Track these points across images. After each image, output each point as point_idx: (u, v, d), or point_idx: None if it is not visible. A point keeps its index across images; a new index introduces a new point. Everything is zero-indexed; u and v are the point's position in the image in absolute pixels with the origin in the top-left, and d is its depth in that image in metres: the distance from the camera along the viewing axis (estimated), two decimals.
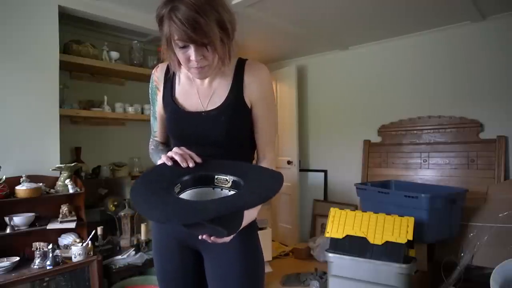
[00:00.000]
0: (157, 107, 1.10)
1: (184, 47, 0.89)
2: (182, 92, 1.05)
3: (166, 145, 1.18)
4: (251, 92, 1.03)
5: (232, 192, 0.86)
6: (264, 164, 1.06)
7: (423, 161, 3.25)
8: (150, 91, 1.12)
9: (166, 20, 0.86)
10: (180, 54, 0.91)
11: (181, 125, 1.03)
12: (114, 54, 2.85)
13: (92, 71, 2.85)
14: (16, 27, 2.22)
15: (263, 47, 3.80)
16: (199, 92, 1.03)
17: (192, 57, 0.89)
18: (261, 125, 1.06)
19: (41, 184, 2.15)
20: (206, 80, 1.03)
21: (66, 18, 2.55)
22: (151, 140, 1.19)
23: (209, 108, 1.01)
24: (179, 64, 0.97)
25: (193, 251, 1.08)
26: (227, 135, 1.00)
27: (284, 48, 3.92)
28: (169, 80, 1.07)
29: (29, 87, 2.26)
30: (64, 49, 2.57)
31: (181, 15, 0.82)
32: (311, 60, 4.17)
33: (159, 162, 1.02)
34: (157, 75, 1.09)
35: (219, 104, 1.01)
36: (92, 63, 2.65)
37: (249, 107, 1.03)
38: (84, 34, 2.87)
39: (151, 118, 1.15)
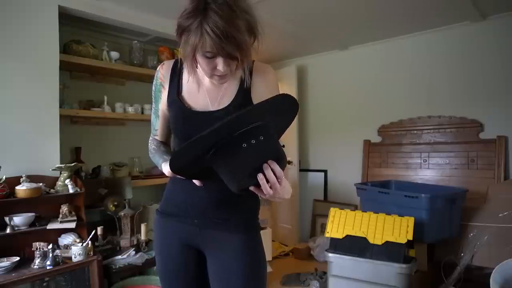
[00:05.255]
0: (160, 105, 1.09)
1: (213, 57, 0.88)
2: (189, 91, 1.05)
3: (167, 145, 1.18)
4: (259, 93, 1.03)
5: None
6: None
7: (423, 161, 3.25)
8: (153, 88, 1.10)
9: (196, 31, 0.84)
10: (205, 63, 0.90)
11: (187, 124, 1.02)
12: (114, 54, 2.85)
13: (92, 71, 2.85)
14: (16, 27, 2.22)
15: (263, 47, 3.79)
16: (208, 92, 1.03)
17: (220, 67, 0.89)
18: None
19: (41, 184, 2.14)
20: None
21: (66, 18, 2.55)
22: (151, 138, 1.18)
23: (217, 109, 1.01)
24: (196, 68, 0.96)
25: (195, 250, 1.08)
26: None
27: (284, 48, 3.92)
28: (175, 78, 1.06)
29: (29, 87, 2.26)
30: (64, 49, 2.57)
31: (216, 28, 0.81)
32: (311, 60, 4.17)
33: (163, 166, 1.02)
34: (163, 72, 1.08)
35: (227, 105, 1.01)
36: (92, 63, 2.64)
37: None
38: (84, 34, 2.86)
39: (152, 116, 1.14)
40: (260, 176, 0.81)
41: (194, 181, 0.96)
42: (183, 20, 0.86)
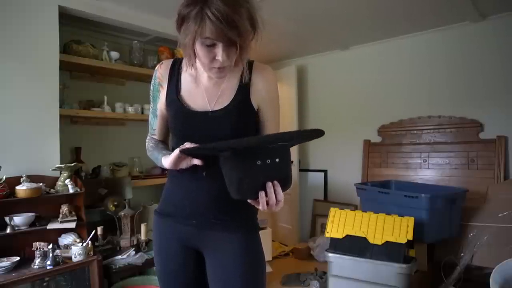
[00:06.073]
0: (159, 104, 1.09)
1: (212, 45, 0.87)
2: (188, 91, 1.04)
3: (166, 143, 1.18)
4: (258, 94, 1.03)
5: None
6: None
7: (423, 161, 3.25)
8: (152, 87, 1.10)
9: (196, 17, 0.83)
10: (204, 53, 0.89)
11: (186, 124, 1.02)
12: (114, 54, 2.85)
13: (92, 71, 2.84)
14: (16, 27, 2.22)
15: (263, 47, 3.80)
16: (206, 92, 1.03)
17: (219, 57, 0.88)
18: (267, 126, 1.06)
19: (41, 184, 2.14)
20: (214, 80, 1.02)
21: (66, 18, 2.55)
22: (148, 137, 1.18)
23: (215, 108, 1.01)
24: (195, 60, 0.95)
25: (194, 251, 1.08)
26: (233, 135, 0.99)
27: (284, 48, 3.92)
28: (174, 78, 1.06)
29: (29, 87, 2.26)
30: (64, 49, 2.57)
31: (218, 12, 0.80)
32: (311, 60, 4.17)
33: (163, 160, 1.02)
34: (161, 72, 1.08)
35: (226, 105, 1.01)
36: (92, 63, 2.64)
37: (255, 108, 1.04)
38: (84, 34, 2.86)
39: (150, 116, 1.14)
40: (261, 194, 0.84)
41: (194, 160, 0.95)
42: (183, 8, 0.86)
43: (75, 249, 2.04)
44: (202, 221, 1.03)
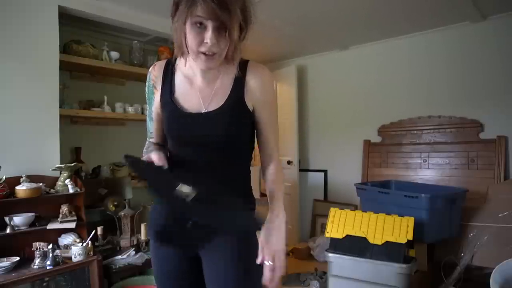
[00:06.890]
0: (154, 107, 1.08)
1: (202, 27, 0.86)
2: (182, 91, 1.03)
3: (162, 145, 1.17)
4: (253, 94, 1.02)
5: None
6: (272, 166, 1.06)
7: (423, 161, 3.25)
8: (146, 90, 1.09)
9: (188, 0, 0.84)
10: (193, 35, 0.87)
11: (180, 125, 1.01)
12: (114, 54, 2.85)
13: (92, 71, 2.85)
14: (16, 27, 2.22)
15: (262, 47, 3.80)
16: (200, 92, 1.02)
17: (207, 39, 0.86)
18: (264, 127, 1.05)
19: (41, 184, 2.15)
20: (207, 80, 1.01)
21: (66, 18, 2.55)
22: (147, 142, 1.17)
23: (209, 109, 1.00)
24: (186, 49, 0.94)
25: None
26: (226, 136, 0.98)
27: (284, 48, 3.92)
28: (168, 79, 1.05)
29: (29, 87, 2.26)
30: (64, 49, 2.57)
31: None
32: (311, 60, 4.17)
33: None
34: (155, 73, 1.06)
35: (220, 105, 0.99)
36: (92, 63, 2.65)
37: (250, 109, 1.02)
38: (84, 34, 2.86)
39: (147, 119, 1.13)
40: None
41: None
42: None
43: (75, 249, 2.04)
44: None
